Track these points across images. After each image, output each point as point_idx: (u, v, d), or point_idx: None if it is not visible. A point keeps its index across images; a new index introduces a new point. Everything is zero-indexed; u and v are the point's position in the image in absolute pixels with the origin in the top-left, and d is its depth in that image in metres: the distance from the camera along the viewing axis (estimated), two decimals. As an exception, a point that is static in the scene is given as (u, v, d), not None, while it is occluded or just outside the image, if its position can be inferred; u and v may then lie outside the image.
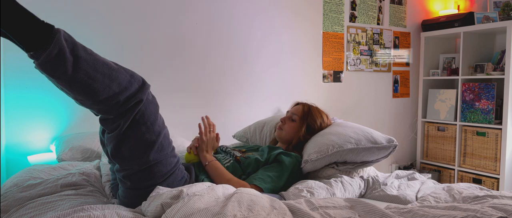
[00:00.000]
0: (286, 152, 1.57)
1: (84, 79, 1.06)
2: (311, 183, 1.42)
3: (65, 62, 1.03)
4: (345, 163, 1.61)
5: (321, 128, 1.72)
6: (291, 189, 1.38)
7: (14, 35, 1.00)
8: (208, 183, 1.21)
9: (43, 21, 1.02)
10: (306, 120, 1.71)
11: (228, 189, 1.18)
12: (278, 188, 1.44)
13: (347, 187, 1.48)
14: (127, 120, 1.14)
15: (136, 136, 1.17)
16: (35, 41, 1.00)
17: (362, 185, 1.56)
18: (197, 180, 1.43)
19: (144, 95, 1.17)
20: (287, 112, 1.78)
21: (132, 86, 1.15)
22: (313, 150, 1.55)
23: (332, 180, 1.49)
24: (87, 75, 1.06)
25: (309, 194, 1.34)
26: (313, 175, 1.60)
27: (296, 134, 1.69)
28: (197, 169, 1.49)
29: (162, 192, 1.11)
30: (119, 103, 1.13)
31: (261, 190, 1.39)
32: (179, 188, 1.11)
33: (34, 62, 1.04)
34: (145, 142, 1.18)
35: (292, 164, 1.51)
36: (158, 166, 1.22)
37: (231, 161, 1.54)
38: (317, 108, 1.78)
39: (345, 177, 1.53)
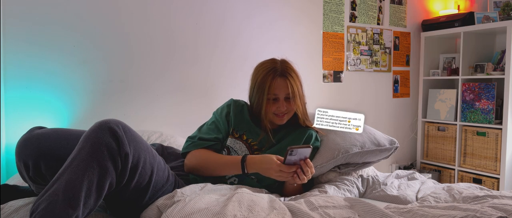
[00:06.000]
0: (314, 138, 1.54)
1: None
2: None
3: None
4: (347, 164, 1.61)
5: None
6: None
7: None
8: (202, 184, 1.21)
9: None
10: (301, 90, 1.46)
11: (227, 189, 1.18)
12: None
13: (347, 187, 1.48)
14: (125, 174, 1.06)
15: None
16: None
17: (362, 185, 1.56)
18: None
19: (124, 148, 1.01)
20: (273, 93, 1.42)
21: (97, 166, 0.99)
22: (318, 155, 1.54)
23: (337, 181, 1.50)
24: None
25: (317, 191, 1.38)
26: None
27: (298, 111, 1.45)
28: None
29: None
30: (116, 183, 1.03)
31: None
32: (173, 191, 1.12)
33: None
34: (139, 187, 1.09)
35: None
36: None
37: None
38: (290, 67, 1.50)
39: (345, 177, 1.54)
